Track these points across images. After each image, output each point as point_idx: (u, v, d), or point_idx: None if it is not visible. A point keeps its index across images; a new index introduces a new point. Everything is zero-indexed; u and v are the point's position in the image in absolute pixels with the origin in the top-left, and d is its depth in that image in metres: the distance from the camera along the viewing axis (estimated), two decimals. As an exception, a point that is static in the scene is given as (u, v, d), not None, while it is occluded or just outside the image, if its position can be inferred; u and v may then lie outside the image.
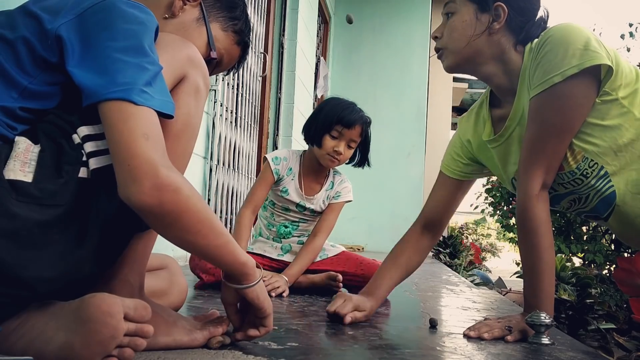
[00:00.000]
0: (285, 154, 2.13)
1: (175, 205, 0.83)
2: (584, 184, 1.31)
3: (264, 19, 4.06)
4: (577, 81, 1.22)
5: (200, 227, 0.87)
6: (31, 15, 0.88)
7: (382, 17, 6.61)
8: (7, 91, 0.85)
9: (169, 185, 0.82)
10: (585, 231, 4.51)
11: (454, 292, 2.41)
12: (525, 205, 1.30)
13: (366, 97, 6.53)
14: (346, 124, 1.98)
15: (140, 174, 0.80)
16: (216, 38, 1.12)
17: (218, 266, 0.98)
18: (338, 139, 2.00)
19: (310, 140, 2.07)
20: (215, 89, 2.99)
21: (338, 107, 2.01)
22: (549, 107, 1.26)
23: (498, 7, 1.33)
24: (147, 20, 0.89)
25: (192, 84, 0.98)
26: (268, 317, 1.02)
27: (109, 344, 0.75)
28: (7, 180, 0.78)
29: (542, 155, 1.28)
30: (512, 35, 1.35)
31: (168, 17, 1.07)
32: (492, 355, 1.12)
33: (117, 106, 0.81)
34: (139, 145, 0.80)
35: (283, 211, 2.15)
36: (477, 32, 1.34)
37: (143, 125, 0.82)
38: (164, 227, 0.86)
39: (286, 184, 2.10)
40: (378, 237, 6.28)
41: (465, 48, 1.36)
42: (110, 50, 0.84)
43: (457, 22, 1.36)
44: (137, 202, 0.80)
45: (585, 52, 1.20)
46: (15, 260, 0.76)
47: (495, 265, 11.16)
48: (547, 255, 1.29)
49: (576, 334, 2.70)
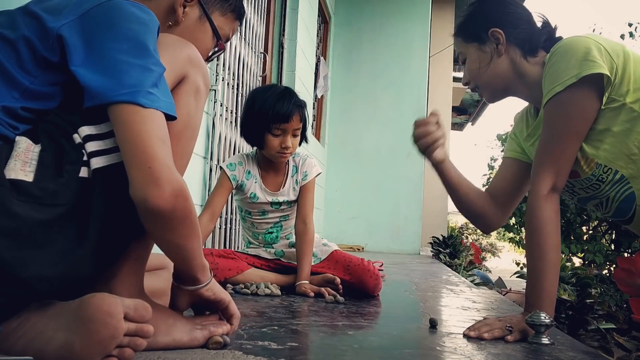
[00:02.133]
0: (239, 158, 2.07)
1: (183, 211, 0.86)
2: (602, 189, 1.36)
3: (264, 19, 4.06)
4: (577, 89, 1.28)
5: (191, 232, 0.91)
6: (32, 15, 0.88)
7: (382, 17, 6.61)
8: (8, 91, 0.85)
9: (184, 191, 0.85)
10: (585, 231, 4.51)
11: (454, 292, 2.41)
12: (534, 205, 1.33)
13: (366, 97, 6.54)
14: (285, 119, 1.89)
15: (161, 178, 0.82)
16: (219, 26, 1.13)
17: (181, 267, 0.98)
18: (282, 136, 1.92)
19: (253, 143, 1.99)
20: (215, 89, 2.99)
21: (269, 102, 1.89)
22: (554, 114, 1.33)
23: (494, 32, 1.45)
24: (149, 20, 0.90)
25: (192, 84, 0.99)
26: (229, 304, 1.05)
27: (109, 344, 0.75)
28: (8, 179, 0.78)
29: (551, 159, 1.33)
30: (518, 49, 1.45)
31: (172, 24, 1.07)
32: (492, 355, 1.12)
33: (129, 109, 0.82)
34: (158, 149, 0.82)
35: (261, 216, 2.10)
36: (488, 61, 1.46)
37: (158, 129, 0.84)
38: (164, 230, 0.88)
39: (251, 189, 2.05)
40: (378, 237, 6.28)
41: (488, 78, 1.48)
42: (114, 51, 0.84)
43: (470, 64, 1.50)
44: (154, 204, 0.82)
45: (584, 62, 1.26)
46: (15, 259, 0.76)
47: (495, 265, 11.16)
48: (552, 255, 1.30)
49: (576, 334, 2.70)
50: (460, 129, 13.58)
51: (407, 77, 6.54)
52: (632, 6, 38.69)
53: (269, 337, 1.15)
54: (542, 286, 1.29)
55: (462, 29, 1.51)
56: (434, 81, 7.33)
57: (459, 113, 12.20)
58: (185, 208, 0.87)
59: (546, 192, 1.32)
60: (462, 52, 1.53)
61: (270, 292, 1.85)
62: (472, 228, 12.44)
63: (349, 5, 6.61)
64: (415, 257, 5.43)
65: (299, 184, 2.08)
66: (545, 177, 1.32)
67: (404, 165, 6.34)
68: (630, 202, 1.33)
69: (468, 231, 11.97)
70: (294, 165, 2.09)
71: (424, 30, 6.62)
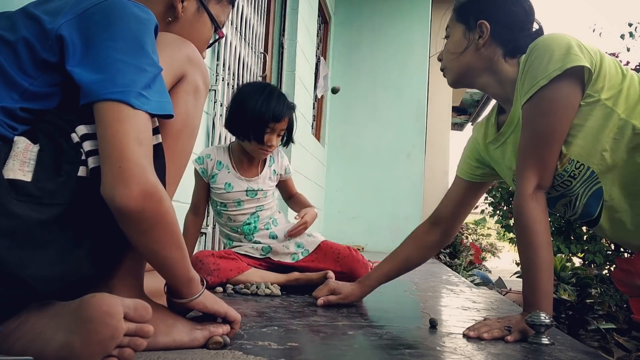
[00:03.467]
0: (208, 151, 2.13)
1: (155, 214, 0.84)
2: (572, 186, 1.34)
3: (264, 19, 4.05)
4: (561, 82, 1.27)
5: (168, 239, 0.89)
6: (32, 17, 0.88)
7: (382, 17, 6.61)
8: (7, 92, 0.85)
9: (155, 194, 0.83)
10: (585, 231, 4.51)
11: (454, 292, 2.41)
12: (520, 204, 1.33)
13: (366, 96, 6.54)
14: (278, 119, 1.99)
15: (131, 178, 0.80)
16: (216, 15, 1.13)
17: (166, 278, 0.98)
18: (270, 134, 2.01)
19: (240, 136, 2.05)
20: (215, 89, 2.99)
21: (265, 102, 1.98)
22: (538, 111, 1.31)
23: (481, 24, 1.43)
24: (147, 19, 0.90)
25: (192, 84, 0.98)
26: (227, 313, 1.04)
27: (109, 344, 0.75)
28: (6, 179, 0.78)
29: (535, 157, 1.32)
30: (500, 47, 1.44)
31: (171, 20, 1.07)
32: (492, 355, 1.12)
33: (114, 107, 0.82)
34: (132, 149, 0.81)
35: (237, 207, 2.11)
36: (464, 49, 1.46)
37: (137, 129, 0.82)
38: (136, 232, 0.86)
39: (224, 179, 2.08)
40: (378, 237, 6.28)
41: (458, 65, 1.47)
42: (110, 50, 0.84)
43: (449, 43, 1.50)
44: (121, 204, 0.81)
45: (567, 56, 1.26)
46: (14, 259, 0.76)
47: (495, 265, 11.15)
48: (544, 252, 1.30)
49: (576, 334, 2.70)
50: (460, 129, 13.57)
51: (407, 77, 6.54)
52: (632, 6, 38.69)
53: (269, 337, 1.15)
54: (537, 284, 1.29)
55: (458, 7, 1.49)
56: (434, 81, 7.32)
57: (459, 113, 12.19)
58: (158, 211, 0.84)
59: (531, 191, 1.32)
60: (449, 27, 1.51)
61: (271, 292, 1.85)
62: (472, 228, 12.45)
63: (349, 5, 6.61)
64: (415, 257, 5.41)
65: (277, 174, 2.18)
66: (529, 176, 1.32)
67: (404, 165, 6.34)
68: (598, 198, 1.32)
69: (468, 231, 11.97)
70: (271, 156, 2.18)
71: (423, 30, 6.62)
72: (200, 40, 1.11)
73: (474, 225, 12.40)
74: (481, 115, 12.42)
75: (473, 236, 12.23)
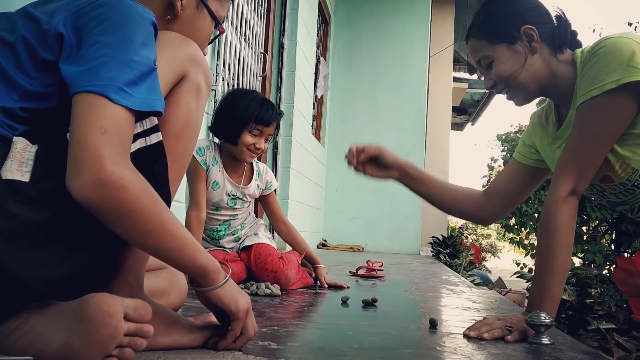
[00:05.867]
0: (207, 142, 2.11)
1: (117, 203, 0.80)
2: (636, 194, 1.33)
3: (264, 19, 4.06)
4: (615, 95, 1.24)
5: (148, 227, 0.84)
6: (31, 17, 0.88)
7: (382, 16, 6.61)
8: (7, 93, 0.85)
9: (112, 182, 0.78)
10: (585, 231, 4.51)
11: (454, 292, 2.41)
12: (551, 207, 1.31)
13: (366, 97, 6.54)
14: (266, 123, 2.02)
15: (84, 168, 0.78)
16: (216, 10, 1.12)
17: (177, 269, 0.96)
18: (258, 137, 2.03)
19: (225, 138, 2.07)
20: (215, 89, 2.99)
21: (253, 105, 2.01)
22: (586, 117, 1.29)
23: (526, 30, 1.37)
24: (141, 16, 0.89)
25: (193, 83, 0.98)
26: (237, 320, 0.97)
27: (108, 344, 0.75)
28: (4, 180, 0.78)
29: (575, 162, 1.30)
30: (549, 46, 1.39)
31: (171, 17, 1.07)
32: (492, 355, 1.12)
33: (89, 98, 0.80)
34: (91, 138, 0.78)
35: (214, 211, 2.12)
36: (524, 61, 1.39)
37: (103, 119, 0.79)
38: (109, 224, 0.83)
39: (215, 176, 2.08)
40: (378, 237, 6.29)
41: (527, 79, 1.39)
42: (99, 44, 0.83)
43: (500, 66, 1.40)
44: (76, 196, 0.78)
45: (627, 68, 1.22)
46: (13, 260, 0.76)
47: (495, 265, 11.16)
48: (562, 257, 1.29)
49: (576, 334, 2.69)
50: (460, 129, 13.58)
51: (407, 77, 6.54)
52: (632, 6, 38.62)
53: (269, 337, 1.15)
54: (547, 288, 1.29)
55: (485, 30, 1.40)
56: (434, 81, 7.33)
57: (459, 113, 12.20)
58: (121, 200, 0.80)
59: (565, 195, 1.30)
60: (487, 55, 1.41)
61: (271, 292, 1.85)
62: (472, 228, 12.45)
63: (349, 5, 6.62)
64: (415, 257, 5.43)
65: (260, 189, 2.21)
66: (566, 180, 1.30)
67: (404, 165, 6.33)
68: None
69: (468, 231, 11.98)
70: (257, 171, 2.21)
71: (424, 30, 6.63)
72: (201, 37, 1.10)
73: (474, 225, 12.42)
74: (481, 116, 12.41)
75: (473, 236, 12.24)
